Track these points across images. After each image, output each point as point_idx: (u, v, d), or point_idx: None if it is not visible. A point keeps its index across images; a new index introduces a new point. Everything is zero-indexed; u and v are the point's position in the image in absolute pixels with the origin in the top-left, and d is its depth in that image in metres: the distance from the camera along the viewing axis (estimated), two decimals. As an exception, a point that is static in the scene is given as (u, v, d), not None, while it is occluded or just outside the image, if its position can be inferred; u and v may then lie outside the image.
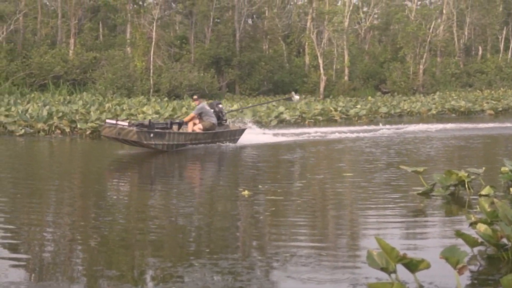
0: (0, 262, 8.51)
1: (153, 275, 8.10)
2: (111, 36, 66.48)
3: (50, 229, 10.71)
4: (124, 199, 13.69)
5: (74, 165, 19.52)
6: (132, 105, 38.41)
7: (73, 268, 8.53)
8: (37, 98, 41.61)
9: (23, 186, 15.40)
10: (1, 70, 48.82)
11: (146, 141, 20.70)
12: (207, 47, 60.43)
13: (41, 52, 52.96)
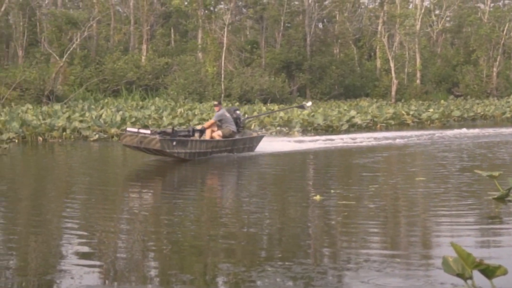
0: (75, 267, 8.67)
1: (226, 279, 8.14)
2: (182, 42, 67.12)
3: (123, 235, 10.85)
4: (195, 206, 13.77)
5: (147, 171, 19.74)
6: (203, 110, 38.69)
7: (146, 272, 8.63)
8: (111, 104, 42.26)
9: (96, 191, 15.65)
10: (76, 76, 49.71)
11: (169, 149, 19.86)
12: (278, 51, 60.48)
13: (114, 58, 53.77)
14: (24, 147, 26.07)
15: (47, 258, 9.26)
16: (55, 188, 16.57)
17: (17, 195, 15.18)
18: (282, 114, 34.94)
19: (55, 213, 12.82)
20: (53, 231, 11.09)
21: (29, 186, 16.67)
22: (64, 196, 14.92)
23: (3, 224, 11.79)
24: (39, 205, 13.95)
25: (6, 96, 41.56)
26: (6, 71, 47.53)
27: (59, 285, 7.94)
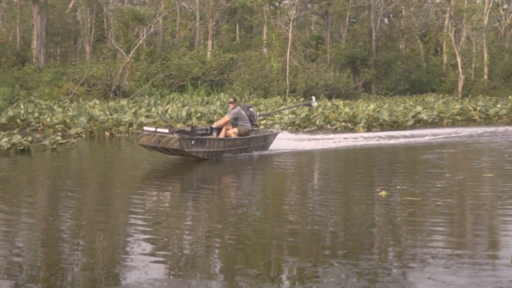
0: (142, 259, 8.80)
1: (291, 275, 8.17)
2: (247, 37, 67.30)
3: (188, 229, 10.96)
4: (258, 203, 13.81)
5: (212, 165, 19.83)
6: (268, 105, 38.77)
7: (211, 267, 8.71)
8: (176, 99, 42.62)
9: (162, 186, 15.83)
10: (142, 71, 50.23)
11: (187, 148, 18.97)
12: (343, 47, 60.21)
13: (180, 54, 54.19)
14: (91, 141, 26.48)
15: (114, 252, 9.41)
16: (121, 183, 16.81)
17: (84, 190, 15.44)
18: (347, 109, 34.76)
19: (121, 208, 13.01)
20: (119, 226, 11.26)
21: (96, 181, 16.94)
22: (130, 191, 15.12)
23: (70, 219, 12.02)
24: (105, 200, 14.18)
25: (74, 92, 42.24)
26: (74, 67, 48.28)
27: (126, 279, 8.07)
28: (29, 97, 40.78)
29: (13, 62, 48.62)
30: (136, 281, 7.90)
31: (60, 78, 44.64)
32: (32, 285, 7.85)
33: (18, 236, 10.47)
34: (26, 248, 9.58)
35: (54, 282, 7.96)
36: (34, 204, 13.69)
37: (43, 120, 30.53)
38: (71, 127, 28.47)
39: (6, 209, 12.84)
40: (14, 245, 9.80)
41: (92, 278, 8.08)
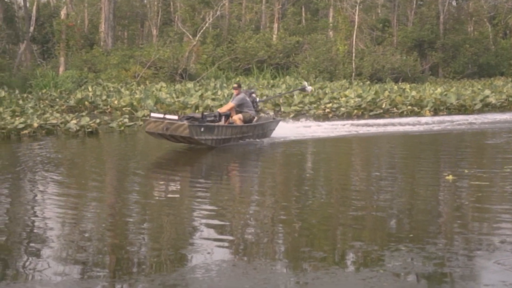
0: (207, 242, 8.90)
1: (357, 258, 8.18)
2: (313, 20, 67.03)
3: (253, 212, 11.04)
4: (322, 186, 13.82)
5: (276, 148, 19.85)
6: (334, 88, 38.62)
7: (276, 249, 8.77)
8: (242, 82, 42.75)
9: (226, 169, 15.96)
10: (208, 55, 50.47)
11: (197, 136, 18.15)
12: (410, 29, 59.55)
13: (246, 37, 54.29)
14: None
15: (180, 235, 9.54)
16: (188, 165, 17.00)
17: (151, 173, 15.67)
18: (414, 93, 34.37)
19: (186, 191, 13.16)
20: (186, 208, 11.39)
21: (163, 163, 17.18)
22: (196, 173, 15.28)
23: (137, 202, 12.20)
24: (172, 182, 14.35)
25: (141, 75, 42.72)
26: (141, 50, 48.76)
27: (192, 260, 8.18)
28: (97, 80, 41.37)
29: (82, 45, 49.33)
30: (204, 262, 8.00)
31: (127, 61, 45.15)
32: (99, 268, 8.00)
33: (86, 218, 10.68)
34: (94, 230, 9.76)
35: (121, 264, 8.11)
36: (102, 187, 13.93)
37: (111, 103, 30.98)
38: (138, 109, 28.83)
39: (75, 191, 13.11)
40: (82, 227, 10.00)
41: (159, 261, 8.20)
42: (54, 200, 11.91)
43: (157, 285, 7.24)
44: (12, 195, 12.85)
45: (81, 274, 7.65)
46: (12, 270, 7.82)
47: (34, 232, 9.74)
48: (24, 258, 8.32)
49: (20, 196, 12.74)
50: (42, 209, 11.36)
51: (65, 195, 12.64)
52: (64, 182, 14.06)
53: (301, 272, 7.69)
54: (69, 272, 7.69)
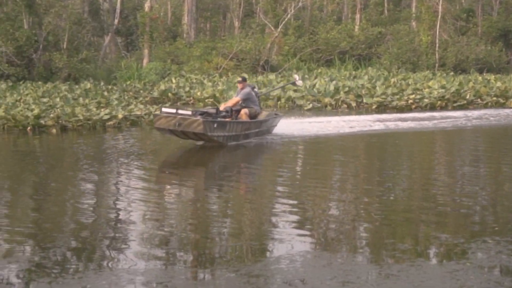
0: (289, 233, 8.96)
1: (442, 250, 8.10)
2: (396, 11, 66.28)
3: (333, 204, 11.03)
4: (401, 177, 13.71)
5: (356, 140, 19.74)
6: (417, 79, 38.11)
7: (358, 240, 8.77)
8: (324, 74, 42.55)
9: (307, 160, 15.96)
10: (290, 46, 50.41)
11: (210, 132, 17.10)
12: (495, 19, 58.32)
13: (328, 28, 54.02)
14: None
15: (262, 225, 9.60)
16: (266, 156, 17.07)
17: (233, 164, 15.80)
18: (499, 83, 33.70)
19: (267, 183, 13.22)
20: (266, 200, 11.45)
21: (247, 155, 17.29)
22: (277, 166, 15.33)
23: (218, 193, 12.32)
24: (253, 173, 14.43)
25: (223, 66, 42.95)
26: (223, 41, 49.01)
27: (272, 251, 8.24)
28: (180, 72, 41.77)
29: (165, 37, 49.86)
30: (287, 253, 8.06)
31: (209, 53, 45.47)
32: (182, 258, 8.12)
33: (168, 209, 10.84)
34: (176, 221, 9.90)
35: (203, 253, 8.21)
36: (184, 178, 14.11)
37: (194, 94, 31.28)
38: (221, 101, 29.02)
39: (157, 183, 13.32)
40: (165, 218, 10.15)
41: (242, 251, 8.28)
42: (137, 191, 12.13)
43: (242, 275, 7.32)
44: (97, 185, 13.13)
45: (164, 265, 7.77)
46: (98, 259, 8.00)
47: (119, 222, 9.93)
48: (109, 248, 8.49)
49: (104, 187, 13.00)
50: (125, 199, 11.57)
51: (148, 187, 12.86)
52: (147, 173, 14.30)
53: (386, 264, 7.67)
54: (153, 262, 7.83)
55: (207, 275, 7.42)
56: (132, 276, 7.29)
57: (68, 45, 40.19)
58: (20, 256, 8.13)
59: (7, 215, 10.51)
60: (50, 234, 9.11)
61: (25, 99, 27.46)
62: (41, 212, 10.73)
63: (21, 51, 37.47)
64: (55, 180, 13.57)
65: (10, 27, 38.19)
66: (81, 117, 22.48)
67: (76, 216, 10.34)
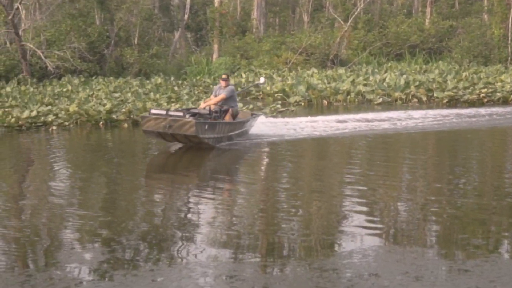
0: (358, 228, 8.92)
1: None
2: (467, 4, 65.31)
3: (403, 200, 10.93)
4: (468, 174, 13.53)
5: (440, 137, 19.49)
6: (489, 73, 37.50)
7: (429, 235, 8.69)
8: (394, 68, 42.18)
9: (378, 156, 15.86)
10: (359, 40, 50.12)
11: (202, 134, 16.09)
12: None
13: (398, 22, 53.52)
14: (309, 109, 26.84)
15: (331, 220, 9.57)
16: (335, 152, 17.00)
17: (301, 160, 15.78)
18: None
19: (336, 178, 13.18)
20: (334, 196, 11.41)
21: (314, 150, 17.25)
22: (345, 161, 15.27)
23: (287, 188, 12.33)
24: (321, 169, 14.40)
25: (292, 61, 42.94)
26: (292, 36, 48.97)
27: (343, 246, 8.23)
28: (249, 66, 41.91)
29: (234, 32, 50.06)
30: (360, 247, 8.04)
31: (279, 47, 45.48)
32: (251, 252, 8.15)
33: (238, 203, 10.90)
34: (246, 215, 9.94)
35: (272, 249, 8.23)
36: (254, 170, 14.16)
37: (263, 89, 31.32)
38: (290, 95, 29.04)
39: (227, 176, 13.41)
40: (235, 212, 10.21)
41: (313, 246, 8.28)
42: (208, 184, 12.24)
43: (314, 269, 7.32)
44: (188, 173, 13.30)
45: (234, 258, 7.82)
46: (169, 253, 8.09)
47: (188, 216, 10.03)
48: (181, 241, 8.56)
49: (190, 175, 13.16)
50: (194, 191, 11.69)
51: (218, 179, 12.97)
52: (217, 166, 14.42)
53: (459, 260, 7.59)
54: (222, 256, 7.88)
55: (277, 269, 7.44)
56: (204, 269, 7.35)
57: (139, 41, 40.70)
58: (94, 249, 8.27)
59: (80, 207, 10.70)
60: (123, 227, 9.24)
61: (97, 94, 27.92)
62: (113, 204, 10.90)
63: (93, 47, 38.08)
64: (127, 173, 13.78)
65: (82, 23, 38.85)
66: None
67: (147, 209, 10.48)
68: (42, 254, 8.18)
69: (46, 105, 24.28)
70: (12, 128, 20.76)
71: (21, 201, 11.48)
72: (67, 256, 7.94)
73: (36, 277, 7.20)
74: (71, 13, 40.54)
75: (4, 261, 7.87)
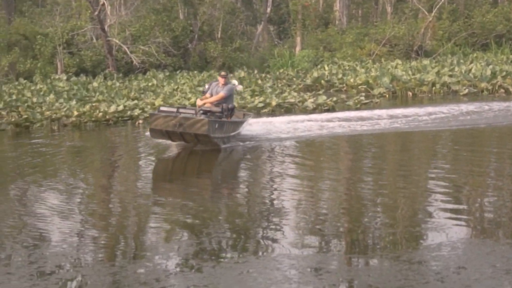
0: (445, 220, 8.81)
1: None
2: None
3: (489, 192, 10.75)
4: None
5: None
6: None
7: None
8: (480, 58, 41.44)
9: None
10: (444, 31, 49.38)
11: (213, 134, 15.27)
12: None
13: (483, 11, 52.51)
14: (394, 101, 26.60)
15: (415, 212, 9.46)
16: (419, 146, 16.83)
17: (384, 152, 15.67)
18: None
19: (421, 171, 13.04)
20: (419, 188, 11.28)
21: (397, 143, 17.12)
22: (429, 154, 15.11)
23: (370, 181, 12.26)
24: (405, 163, 14.26)
25: (376, 52, 42.64)
26: (376, 27, 48.57)
27: (431, 238, 8.16)
28: (332, 59, 41.76)
29: (317, 24, 49.91)
30: (448, 240, 7.96)
31: (362, 39, 45.19)
32: (336, 243, 8.13)
33: (322, 194, 10.89)
34: (330, 207, 9.91)
35: (357, 241, 8.20)
36: (337, 160, 14.13)
37: (347, 81, 31.17)
38: (374, 87, 28.82)
39: (311, 167, 13.40)
40: (319, 203, 10.20)
41: (399, 238, 8.22)
42: (291, 175, 12.26)
43: (402, 261, 7.26)
44: (251, 169, 13.36)
45: (319, 250, 7.81)
46: (256, 245, 8.13)
47: (273, 206, 10.06)
48: (266, 234, 8.60)
49: (258, 170, 13.21)
50: (279, 183, 11.72)
51: (302, 170, 12.97)
52: (301, 158, 14.43)
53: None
54: (308, 248, 7.88)
55: (363, 262, 7.41)
56: (292, 261, 7.37)
57: (222, 35, 40.98)
58: (182, 241, 8.37)
59: (168, 199, 10.87)
60: (210, 219, 9.34)
61: (182, 88, 28.24)
62: (200, 196, 11.05)
63: (177, 42, 38.52)
64: (212, 164, 13.95)
65: (166, 18, 39.31)
66: (236, 105, 22.84)
67: (232, 201, 10.58)
68: (131, 245, 8.33)
69: (132, 99, 24.69)
70: (100, 122, 21.15)
71: (109, 195, 11.73)
72: (155, 247, 8.06)
73: (127, 268, 7.33)
74: (155, 8, 41.07)
75: (96, 253, 8.04)
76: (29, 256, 7.82)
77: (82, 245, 8.35)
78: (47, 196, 11.27)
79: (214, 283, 6.79)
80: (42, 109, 22.69)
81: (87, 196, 11.35)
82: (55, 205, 10.49)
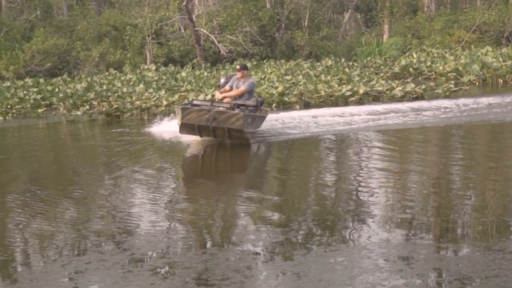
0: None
1: None
2: None
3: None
4: None
5: None
6: None
7: None
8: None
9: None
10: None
11: (246, 128, 14.64)
12: None
13: None
14: (484, 88, 26.14)
15: (508, 201, 9.30)
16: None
17: (473, 139, 15.45)
18: None
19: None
20: (510, 177, 11.07)
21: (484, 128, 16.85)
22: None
23: (460, 168, 12.10)
24: (497, 149, 14.03)
25: (465, 39, 41.96)
26: (465, 14, 47.77)
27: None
28: (421, 46, 41.27)
29: (405, 11, 49.42)
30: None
31: (451, 26, 44.54)
32: (423, 233, 8.05)
33: (408, 184, 10.80)
34: (417, 198, 9.82)
35: (446, 230, 8.12)
36: (424, 151, 13.99)
37: (435, 69, 30.75)
38: (463, 74, 28.36)
39: (398, 158, 13.31)
40: (405, 194, 10.11)
41: (490, 226, 8.11)
42: (377, 165, 12.21)
43: (496, 251, 7.16)
44: (339, 159, 13.36)
45: (408, 239, 7.76)
46: (345, 234, 8.13)
47: (358, 197, 10.02)
48: (354, 222, 8.57)
49: (344, 161, 13.18)
50: (365, 174, 11.68)
51: (388, 160, 12.89)
52: (388, 147, 14.35)
53: None
54: (396, 237, 7.84)
55: (453, 251, 7.32)
56: (382, 250, 7.34)
57: (309, 23, 40.95)
58: (270, 229, 8.43)
59: (251, 188, 10.97)
60: (297, 208, 9.39)
61: (269, 77, 28.38)
62: (284, 184, 11.11)
63: (264, 31, 38.67)
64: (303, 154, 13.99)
65: (253, 7, 39.48)
66: (323, 93, 22.87)
67: (319, 191, 10.61)
68: (221, 234, 8.44)
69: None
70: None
71: (198, 185, 11.92)
72: (245, 236, 8.14)
73: (218, 255, 7.43)
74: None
75: (188, 241, 8.18)
76: (121, 244, 8.01)
77: (173, 232, 8.51)
78: (141, 185, 11.51)
79: (305, 271, 6.83)
80: (132, 99, 23.17)
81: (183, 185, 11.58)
82: (149, 193, 10.75)
